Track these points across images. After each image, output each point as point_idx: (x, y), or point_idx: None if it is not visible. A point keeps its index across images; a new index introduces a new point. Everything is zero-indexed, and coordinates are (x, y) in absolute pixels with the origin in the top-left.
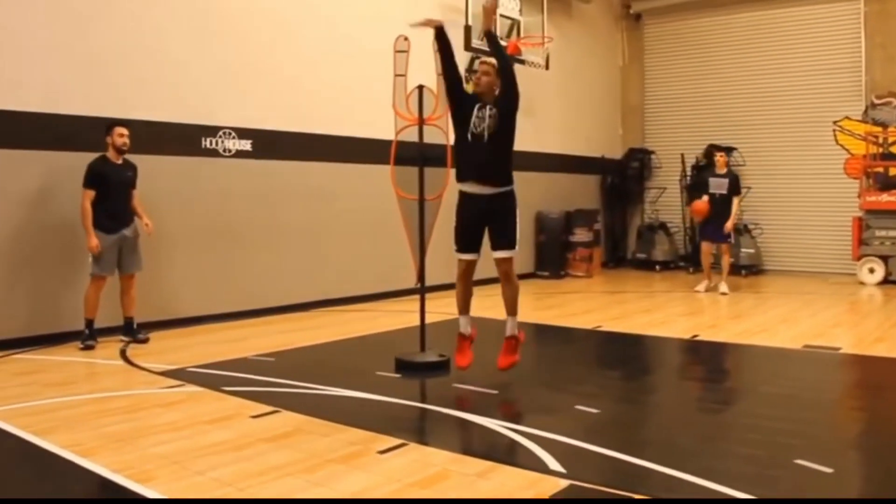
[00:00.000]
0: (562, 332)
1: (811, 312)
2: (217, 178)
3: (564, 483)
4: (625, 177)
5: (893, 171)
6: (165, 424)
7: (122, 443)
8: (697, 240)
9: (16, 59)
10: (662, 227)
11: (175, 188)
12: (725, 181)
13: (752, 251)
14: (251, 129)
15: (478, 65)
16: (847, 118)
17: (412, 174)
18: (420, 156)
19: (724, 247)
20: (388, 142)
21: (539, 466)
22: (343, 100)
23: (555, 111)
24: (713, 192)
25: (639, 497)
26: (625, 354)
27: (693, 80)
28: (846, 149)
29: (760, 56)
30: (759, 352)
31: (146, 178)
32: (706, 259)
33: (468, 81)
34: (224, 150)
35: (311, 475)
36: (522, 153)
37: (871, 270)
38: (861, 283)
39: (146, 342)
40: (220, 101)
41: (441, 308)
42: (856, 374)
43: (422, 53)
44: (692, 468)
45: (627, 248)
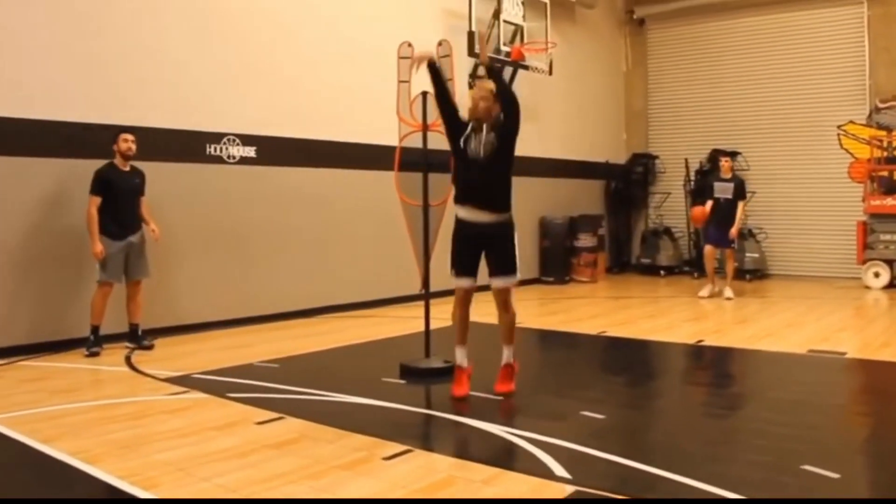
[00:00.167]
0: (566, 338)
1: (816, 317)
2: (221, 185)
3: (570, 489)
4: (629, 182)
5: None
6: (170, 431)
7: (128, 449)
8: (701, 244)
9: (23, 68)
10: (667, 232)
11: (179, 195)
12: (731, 186)
13: (757, 256)
14: (255, 136)
15: (474, 90)
16: (851, 122)
17: (416, 180)
18: (424, 162)
19: (728, 252)
20: (393, 148)
21: (545, 472)
22: (348, 106)
23: (558, 116)
24: (718, 197)
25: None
26: (630, 360)
27: (697, 85)
28: (850, 153)
29: (764, 60)
30: (765, 357)
31: (151, 185)
32: (709, 263)
33: (471, 87)
34: (228, 157)
35: (317, 481)
36: (526, 158)
37: (877, 274)
38: (866, 288)
39: (151, 349)
40: (225, 108)
41: (446, 314)
42: (862, 379)
43: None
44: (698, 474)
45: (632, 254)
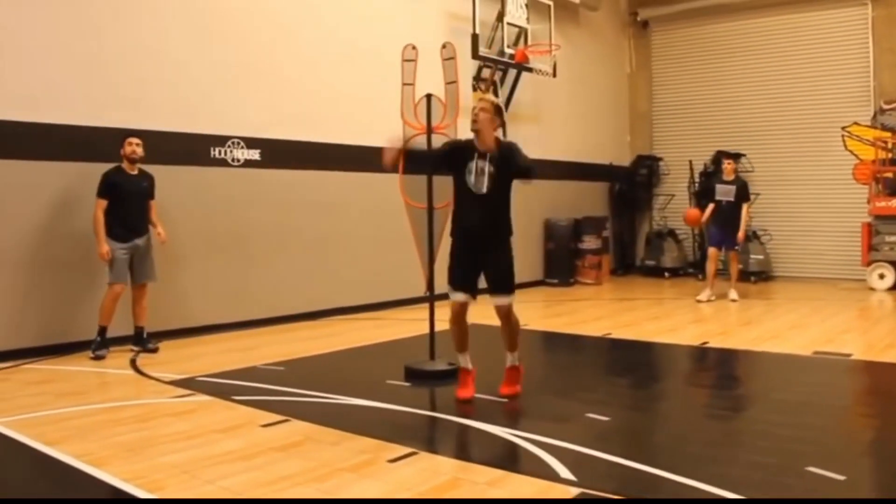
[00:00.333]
0: (571, 340)
1: (821, 319)
2: (226, 188)
3: (575, 491)
4: (633, 184)
5: None
6: (176, 434)
7: (133, 452)
8: (706, 246)
9: (32, 73)
10: (671, 234)
11: (184, 198)
12: (732, 188)
13: (762, 257)
14: (260, 139)
15: (476, 102)
16: (856, 123)
17: (421, 182)
18: (428, 164)
19: (732, 254)
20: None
21: (549, 474)
22: (352, 109)
23: (562, 119)
24: (720, 199)
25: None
26: (635, 362)
27: (701, 87)
28: (855, 154)
29: (768, 62)
30: (770, 358)
31: (157, 189)
32: (711, 266)
33: (475, 89)
34: (233, 160)
35: (321, 484)
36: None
37: (881, 276)
38: (871, 289)
39: (156, 352)
40: (230, 112)
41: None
42: (867, 381)
43: (430, 63)
44: (703, 475)
45: (636, 256)
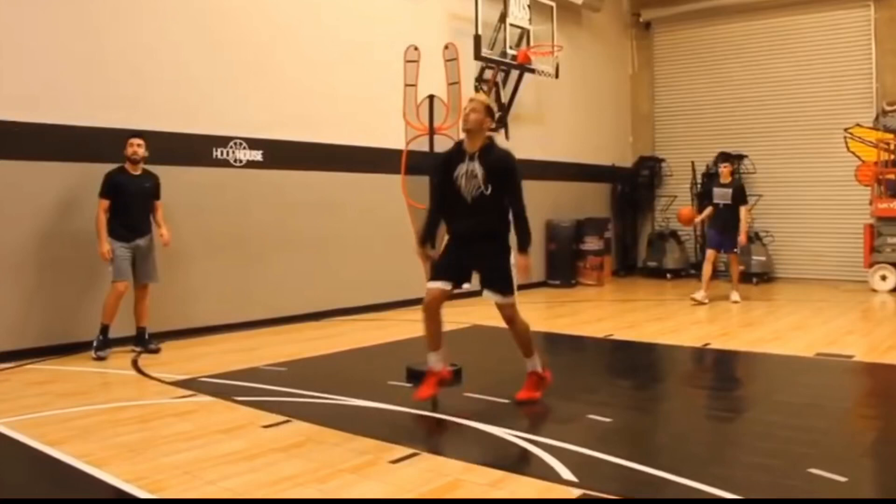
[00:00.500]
0: (573, 341)
1: (823, 320)
2: (228, 189)
3: (577, 492)
4: (635, 185)
5: None
6: (177, 434)
7: (135, 453)
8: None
9: (32, 73)
10: (673, 236)
11: (186, 199)
12: (729, 191)
13: (764, 259)
14: (262, 140)
15: (467, 102)
16: (858, 125)
17: (423, 183)
18: (431, 165)
19: (732, 257)
20: (399, 151)
21: (551, 476)
22: (354, 109)
23: (565, 120)
24: (717, 203)
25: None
26: (637, 363)
27: (703, 88)
28: (857, 156)
29: (770, 63)
30: (772, 360)
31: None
32: (707, 266)
33: (478, 90)
34: (235, 161)
35: (323, 485)
36: (532, 162)
37: (883, 277)
38: (873, 291)
39: (158, 352)
40: (230, 112)
41: (452, 317)
42: (869, 382)
43: (432, 63)
44: (705, 477)
45: (638, 257)
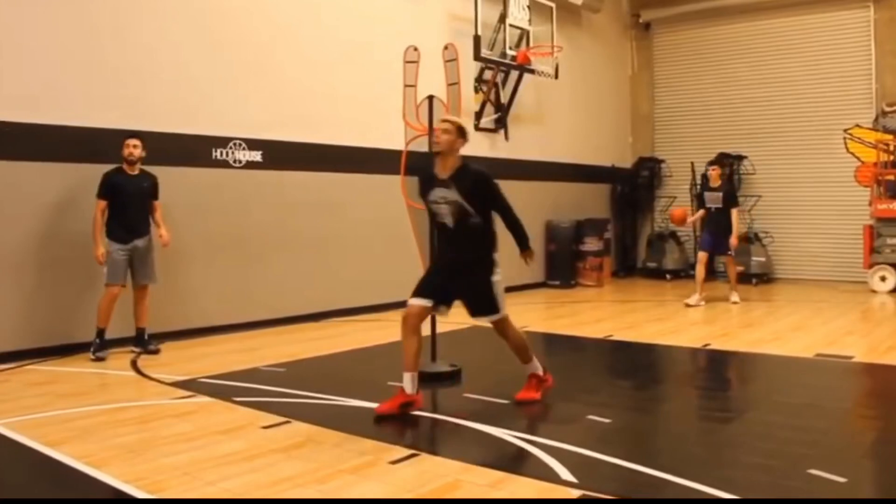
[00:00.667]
0: (573, 342)
1: (823, 321)
2: (228, 189)
3: (576, 493)
4: (635, 186)
5: None
6: (177, 435)
7: (134, 453)
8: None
9: (32, 73)
10: (672, 236)
11: (186, 199)
12: (720, 195)
13: (763, 259)
14: (261, 140)
15: (438, 122)
16: (858, 126)
17: None
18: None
19: (727, 259)
20: (399, 152)
21: (551, 476)
22: (354, 110)
23: (564, 120)
24: (709, 207)
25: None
26: (636, 364)
27: (703, 89)
28: (857, 157)
29: (770, 64)
30: (772, 361)
31: (159, 189)
32: (700, 269)
33: (477, 91)
34: (235, 161)
35: (323, 485)
36: (532, 162)
37: (883, 278)
38: (873, 292)
39: (157, 353)
40: (230, 113)
41: (452, 318)
42: (869, 383)
43: (431, 64)
44: (704, 477)
45: (638, 257)
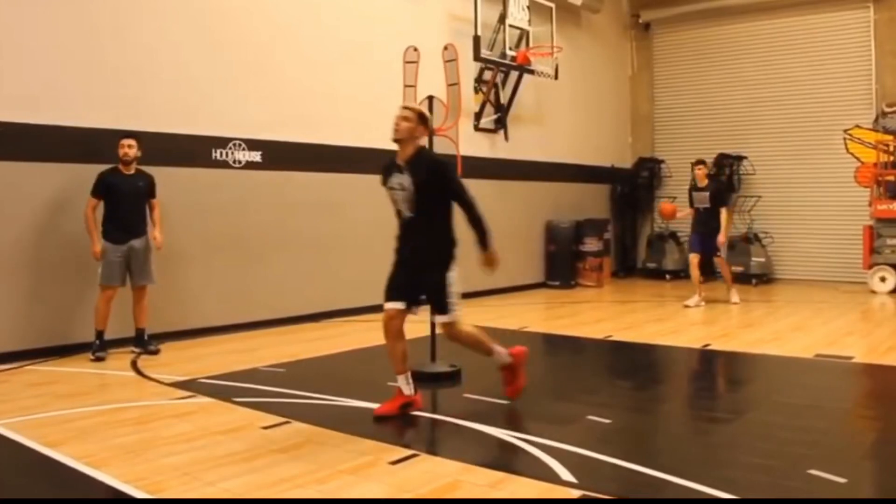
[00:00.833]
0: (572, 342)
1: (823, 321)
2: (228, 190)
3: (576, 493)
4: (635, 186)
5: None
6: (177, 435)
7: (134, 454)
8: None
9: (32, 75)
10: (672, 237)
11: (185, 200)
12: (707, 194)
13: (763, 260)
14: (261, 140)
15: (398, 110)
16: (857, 126)
17: None
18: None
19: (718, 260)
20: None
21: (551, 477)
22: (354, 110)
23: (564, 121)
24: (697, 207)
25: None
26: (636, 364)
27: (703, 89)
28: (857, 157)
29: (770, 65)
30: (771, 361)
31: (158, 190)
32: (693, 272)
33: (477, 91)
34: (234, 162)
35: (323, 486)
36: (532, 162)
37: (883, 279)
38: (872, 292)
39: (157, 353)
40: (230, 113)
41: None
42: (869, 384)
43: (431, 64)
44: (704, 478)
45: (637, 258)
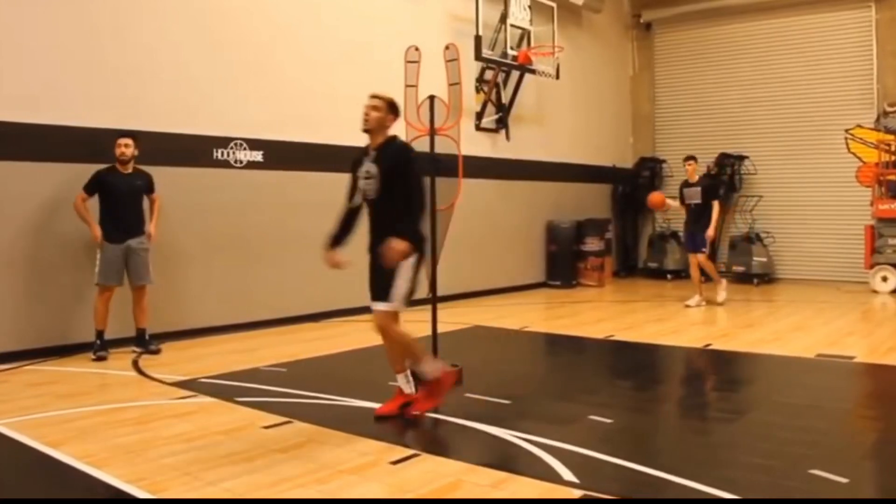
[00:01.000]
0: (574, 342)
1: (824, 321)
2: (229, 189)
3: (578, 493)
4: (636, 186)
5: None
6: (177, 435)
7: (135, 454)
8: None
9: (32, 75)
10: (674, 236)
11: (187, 199)
12: (698, 190)
13: (764, 260)
14: (262, 140)
15: (367, 100)
16: (859, 126)
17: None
18: (432, 166)
19: (701, 257)
20: None
21: (552, 477)
22: (354, 110)
23: (565, 120)
24: (689, 203)
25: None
26: (637, 364)
27: (704, 89)
28: (858, 157)
29: (771, 64)
30: (773, 361)
31: (159, 190)
32: (694, 271)
33: (478, 91)
34: (236, 161)
35: (323, 486)
36: (533, 162)
37: (884, 279)
38: (874, 292)
39: (158, 353)
40: (230, 113)
41: (453, 318)
42: (870, 384)
43: (432, 64)
44: (706, 478)
45: (639, 257)
